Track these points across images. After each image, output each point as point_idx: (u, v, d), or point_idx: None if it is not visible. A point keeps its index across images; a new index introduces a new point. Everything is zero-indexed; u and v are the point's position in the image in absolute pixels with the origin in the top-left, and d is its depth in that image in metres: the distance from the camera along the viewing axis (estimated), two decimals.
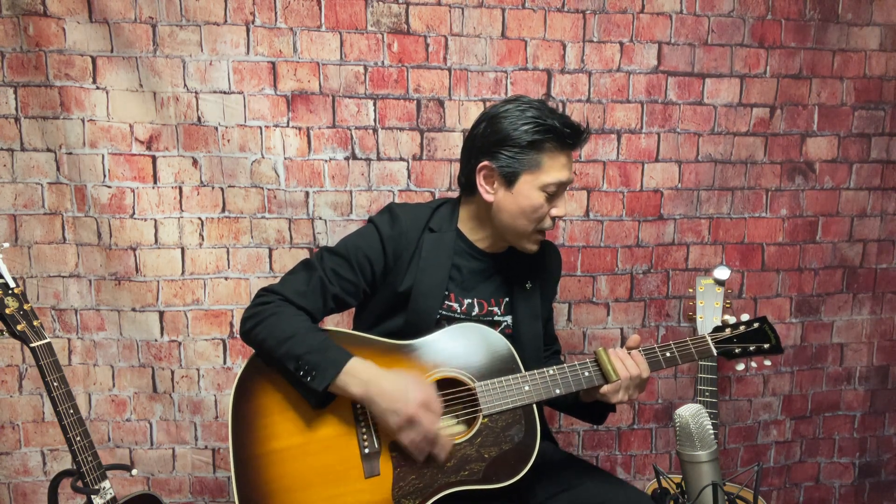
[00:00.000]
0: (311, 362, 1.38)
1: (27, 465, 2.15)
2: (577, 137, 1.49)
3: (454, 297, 1.58)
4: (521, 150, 1.46)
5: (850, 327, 2.45)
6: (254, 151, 2.08)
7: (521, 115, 1.47)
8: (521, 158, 1.47)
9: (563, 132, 1.46)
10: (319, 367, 1.38)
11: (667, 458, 2.43)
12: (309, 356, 1.39)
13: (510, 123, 1.47)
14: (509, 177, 1.48)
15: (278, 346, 1.41)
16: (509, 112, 1.48)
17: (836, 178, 2.35)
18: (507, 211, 1.51)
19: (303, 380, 1.39)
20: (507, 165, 1.48)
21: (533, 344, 1.63)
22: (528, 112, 1.47)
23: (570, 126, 1.48)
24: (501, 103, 1.52)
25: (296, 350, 1.39)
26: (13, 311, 1.49)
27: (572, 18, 2.15)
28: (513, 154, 1.47)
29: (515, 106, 1.49)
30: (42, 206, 2.06)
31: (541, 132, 1.45)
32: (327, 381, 1.38)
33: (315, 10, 2.05)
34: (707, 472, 1.21)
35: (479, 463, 1.43)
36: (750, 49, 2.23)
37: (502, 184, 1.50)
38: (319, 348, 1.40)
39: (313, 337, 1.43)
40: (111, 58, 2.00)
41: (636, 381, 1.47)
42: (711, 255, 2.33)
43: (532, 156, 1.47)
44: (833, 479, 2.53)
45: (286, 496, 1.40)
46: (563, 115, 1.51)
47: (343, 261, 1.53)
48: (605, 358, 1.47)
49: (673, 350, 1.52)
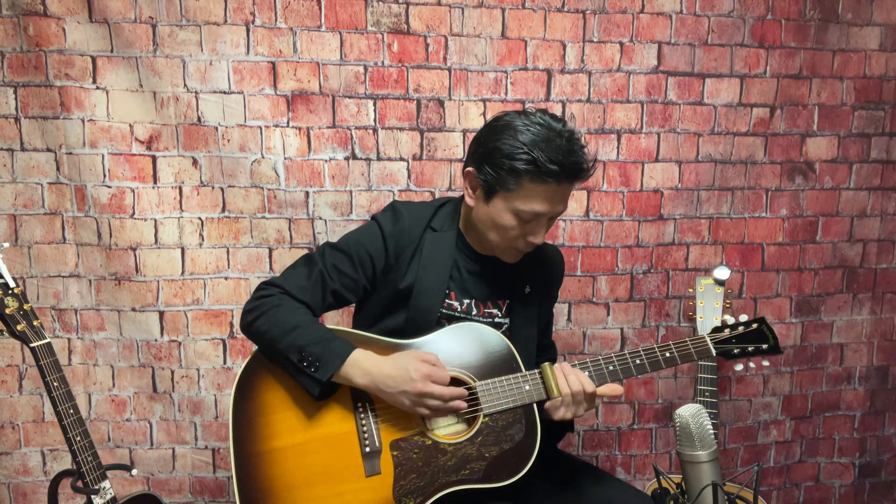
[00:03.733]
0: (314, 353, 1.39)
1: (27, 465, 2.15)
2: (563, 176, 1.39)
3: (454, 296, 1.58)
4: (501, 171, 1.41)
5: (850, 327, 2.45)
6: (254, 151, 2.08)
7: (514, 137, 1.39)
8: (499, 179, 1.42)
9: (547, 168, 1.36)
10: (323, 357, 1.39)
11: (667, 458, 2.43)
12: (313, 347, 1.39)
13: (502, 141, 1.41)
14: (487, 191, 1.46)
15: (281, 338, 1.42)
16: (509, 128, 1.41)
17: (836, 178, 2.36)
18: (481, 220, 1.51)
19: (306, 370, 1.39)
20: (486, 180, 1.44)
21: (526, 348, 1.62)
22: (523, 136, 1.39)
23: (560, 164, 1.37)
24: (514, 114, 1.45)
25: (299, 341, 1.40)
26: (13, 311, 1.49)
27: (572, 18, 2.15)
28: (494, 171, 1.42)
29: (520, 124, 1.41)
30: (42, 206, 2.06)
31: (522, 161, 1.38)
32: (331, 372, 1.39)
33: (315, 10, 2.05)
34: (707, 472, 1.21)
35: (479, 462, 1.43)
36: (750, 49, 2.23)
37: (482, 195, 1.48)
38: (323, 339, 1.41)
39: (316, 329, 1.44)
40: (111, 58, 2.00)
41: (578, 397, 1.45)
42: (711, 255, 2.34)
43: (510, 180, 1.40)
44: (833, 479, 2.53)
45: (287, 494, 1.40)
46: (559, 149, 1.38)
47: (344, 256, 1.53)
48: (549, 373, 1.46)
49: (672, 350, 1.52)
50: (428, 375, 1.39)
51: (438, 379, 1.40)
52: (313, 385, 1.40)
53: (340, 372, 1.40)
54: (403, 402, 1.40)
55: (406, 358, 1.42)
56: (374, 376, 1.40)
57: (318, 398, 1.43)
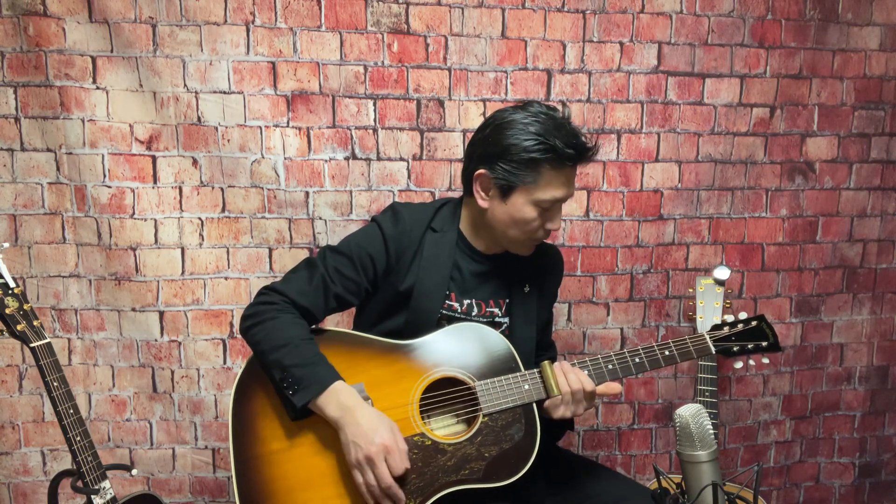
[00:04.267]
0: (295, 376, 1.37)
1: (27, 465, 2.15)
2: (579, 158, 1.45)
3: (455, 297, 1.58)
4: (519, 165, 1.43)
5: (850, 327, 2.45)
6: (254, 151, 2.08)
7: (524, 129, 1.43)
8: (517, 174, 1.44)
9: (564, 153, 1.41)
10: (302, 382, 1.37)
11: (667, 458, 2.43)
12: (295, 369, 1.38)
13: (513, 136, 1.43)
14: (504, 189, 1.47)
15: (270, 352, 1.41)
16: (514, 123, 1.44)
17: (836, 178, 2.35)
18: (499, 220, 1.51)
19: (285, 391, 1.38)
20: (503, 178, 1.45)
21: (525, 347, 1.62)
22: (532, 127, 1.43)
23: (574, 146, 1.43)
24: (511, 110, 1.49)
25: (284, 361, 1.39)
26: (13, 311, 1.49)
27: (572, 18, 2.15)
28: (510, 168, 1.44)
29: (522, 117, 1.45)
30: (42, 206, 2.06)
31: (540, 151, 1.41)
32: (306, 399, 1.37)
33: (315, 10, 2.05)
34: (707, 472, 1.21)
35: (479, 462, 1.43)
36: (750, 49, 2.23)
37: (497, 194, 1.49)
38: (308, 363, 1.39)
39: (306, 349, 1.41)
40: (111, 58, 2.00)
41: (578, 395, 1.45)
42: (711, 255, 2.34)
43: (529, 172, 1.44)
44: (833, 479, 2.53)
45: (287, 496, 1.40)
46: (569, 133, 1.44)
47: (346, 259, 1.53)
48: (549, 372, 1.46)
49: (672, 348, 1.52)
50: (387, 450, 1.33)
51: (394, 463, 1.33)
52: (289, 407, 1.39)
53: (317, 401, 1.37)
54: (350, 454, 1.34)
55: (383, 423, 1.36)
56: (345, 416, 1.35)
57: (294, 419, 1.41)
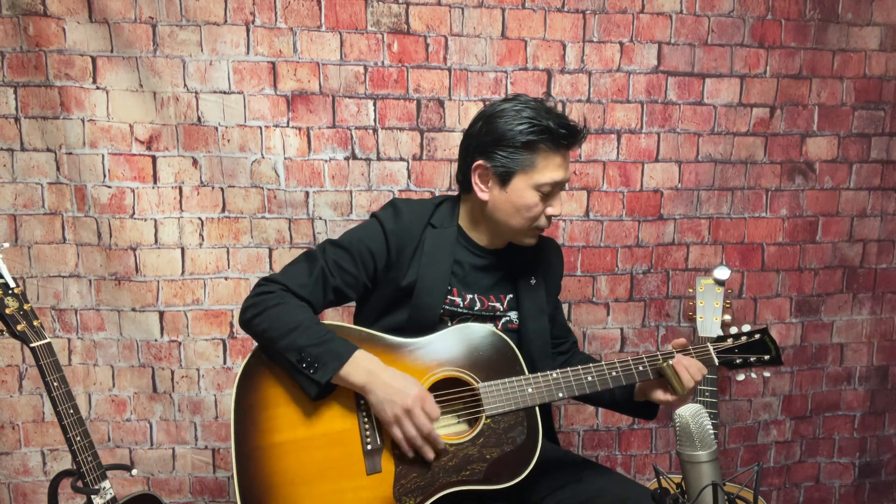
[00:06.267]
0: (314, 354, 1.39)
1: (27, 465, 2.15)
2: (572, 138, 1.50)
3: (457, 292, 1.58)
4: (516, 150, 1.47)
5: (850, 327, 2.45)
6: (254, 151, 2.08)
7: (516, 115, 1.47)
8: (515, 158, 1.47)
9: (559, 133, 1.46)
10: (322, 359, 1.39)
11: (667, 458, 2.43)
12: (312, 348, 1.39)
13: (505, 123, 1.47)
14: (504, 176, 1.49)
15: (280, 338, 1.41)
16: (505, 112, 1.49)
17: (836, 178, 2.36)
18: (501, 209, 1.52)
19: (305, 371, 1.39)
20: (501, 165, 1.48)
21: (540, 339, 1.63)
22: (524, 112, 1.47)
23: (567, 127, 1.48)
24: (499, 102, 1.53)
25: (299, 341, 1.40)
26: (13, 311, 1.49)
27: (572, 18, 2.15)
28: (507, 154, 1.47)
29: (512, 105, 1.49)
30: (42, 206, 2.06)
31: (535, 133, 1.45)
32: (330, 374, 1.38)
33: (315, 10, 2.05)
34: (707, 472, 1.21)
35: (480, 463, 1.43)
36: (750, 49, 2.23)
37: (497, 183, 1.51)
38: (323, 340, 1.41)
39: (316, 329, 1.43)
40: (111, 58, 2.00)
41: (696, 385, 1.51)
42: (711, 255, 2.34)
43: (526, 156, 1.47)
44: (833, 479, 2.53)
45: (287, 490, 1.40)
46: (560, 115, 1.50)
47: (346, 253, 1.53)
48: (671, 373, 1.47)
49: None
50: (422, 401, 1.38)
51: (430, 412, 1.39)
52: (311, 386, 1.40)
53: (340, 373, 1.39)
54: (387, 412, 1.38)
55: (408, 378, 1.42)
56: (373, 377, 1.39)
57: (315, 399, 1.43)
